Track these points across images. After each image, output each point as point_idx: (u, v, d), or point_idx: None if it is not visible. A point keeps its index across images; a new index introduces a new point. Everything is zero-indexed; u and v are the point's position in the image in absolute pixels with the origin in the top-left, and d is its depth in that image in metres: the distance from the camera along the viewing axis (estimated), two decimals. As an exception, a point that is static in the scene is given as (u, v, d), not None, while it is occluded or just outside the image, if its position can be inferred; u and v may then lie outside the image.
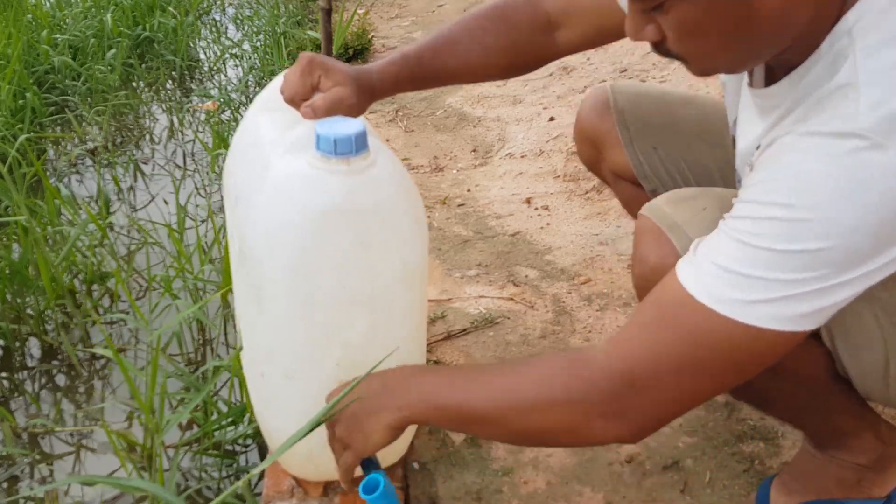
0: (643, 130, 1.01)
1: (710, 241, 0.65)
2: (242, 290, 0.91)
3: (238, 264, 0.90)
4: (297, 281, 0.79)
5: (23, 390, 1.50)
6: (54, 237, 1.84)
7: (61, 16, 3.30)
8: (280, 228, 0.78)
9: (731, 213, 0.65)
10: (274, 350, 0.88)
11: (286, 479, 1.03)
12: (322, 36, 1.52)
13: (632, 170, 1.03)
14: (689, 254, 0.66)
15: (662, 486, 1.01)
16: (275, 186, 0.79)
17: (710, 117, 1.02)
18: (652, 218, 0.78)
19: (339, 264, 0.78)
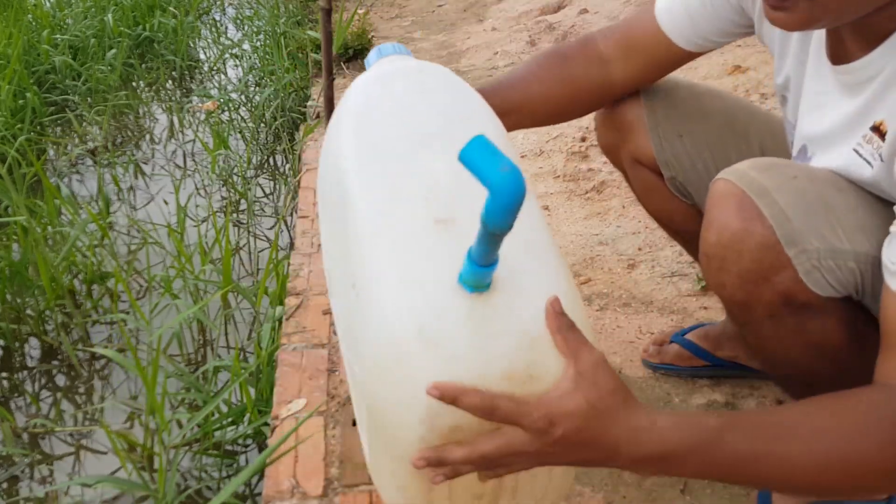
0: (671, 116, 1.00)
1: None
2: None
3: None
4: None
5: (23, 390, 1.50)
6: (54, 237, 1.85)
7: (62, 16, 3.30)
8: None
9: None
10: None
11: (286, 479, 1.03)
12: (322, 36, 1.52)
13: (653, 155, 1.01)
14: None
15: (662, 486, 1.01)
16: None
17: (737, 112, 1.01)
18: (736, 182, 0.72)
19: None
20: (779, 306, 0.72)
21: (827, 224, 0.70)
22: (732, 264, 0.72)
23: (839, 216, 0.71)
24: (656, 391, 1.17)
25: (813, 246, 0.69)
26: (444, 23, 3.45)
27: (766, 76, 2.09)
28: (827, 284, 0.71)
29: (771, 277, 0.71)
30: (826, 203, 0.71)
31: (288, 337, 1.30)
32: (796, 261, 0.70)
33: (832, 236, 0.70)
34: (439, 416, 0.60)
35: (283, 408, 1.15)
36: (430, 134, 0.72)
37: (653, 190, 1.06)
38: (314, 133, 2.19)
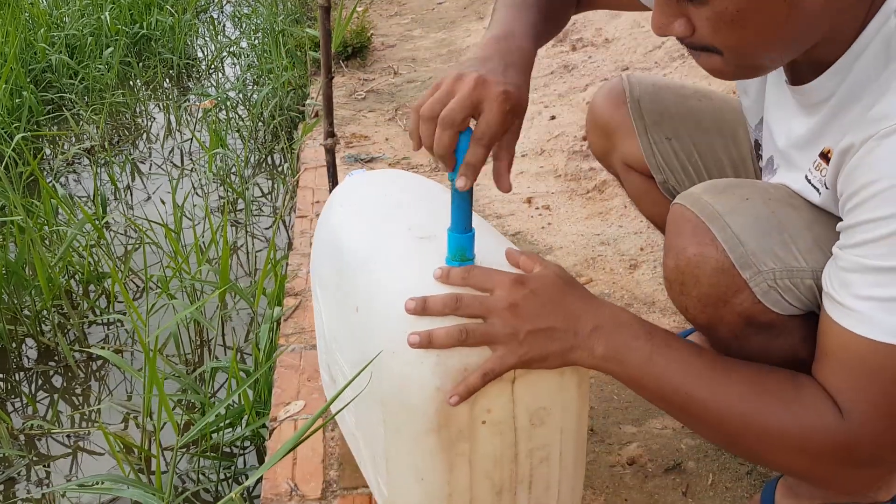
0: (659, 120, 1.00)
1: (847, 280, 0.63)
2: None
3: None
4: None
5: (19, 391, 1.49)
6: (51, 237, 1.83)
7: (59, 14, 3.29)
8: None
9: (850, 239, 0.63)
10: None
11: (284, 481, 1.02)
12: (321, 34, 1.51)
13: (644, 160, 1.01)
14: (834, 303, 0.64)
15: (664, 489, 1.00)
16: None
17: (725, 113, 1.01)
18: (690, 207, 0.73)
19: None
20: (741, 327, 0.73)
21: (781, 244, 0.70)
22: (691, 288, 0.73)
23: (793, 235, 0.71)
24: (658, 392, 1.16)
25: (768, 267, 0.70)
26: (444, 20, 3.44)
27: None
28: (786, 303, 0.71)
29: (730, 300, 0.71)
30: (779, 223, 0.71)
31: (286, 338, 1.29)
32: (752, 283, 0.70)
33: (787, 256, 0.70)
34: (448, 358, 0.69)
35: (281, 409, 1.14)
36: (403, 201, 0.88)
37: (646, 193, 1.06)
38: (313, 132, 2.18)
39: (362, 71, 2.79)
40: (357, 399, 0.79)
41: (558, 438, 0.77)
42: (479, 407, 0.71)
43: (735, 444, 0.71)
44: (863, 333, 0.62)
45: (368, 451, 0.85)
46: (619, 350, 0.70)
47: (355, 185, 0.95)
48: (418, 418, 0.71)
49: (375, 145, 2.16)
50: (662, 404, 0.73)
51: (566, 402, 0.76)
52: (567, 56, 2.63)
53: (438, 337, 0.68)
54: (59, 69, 2.87)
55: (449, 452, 0.72)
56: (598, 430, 1.10)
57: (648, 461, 1.04)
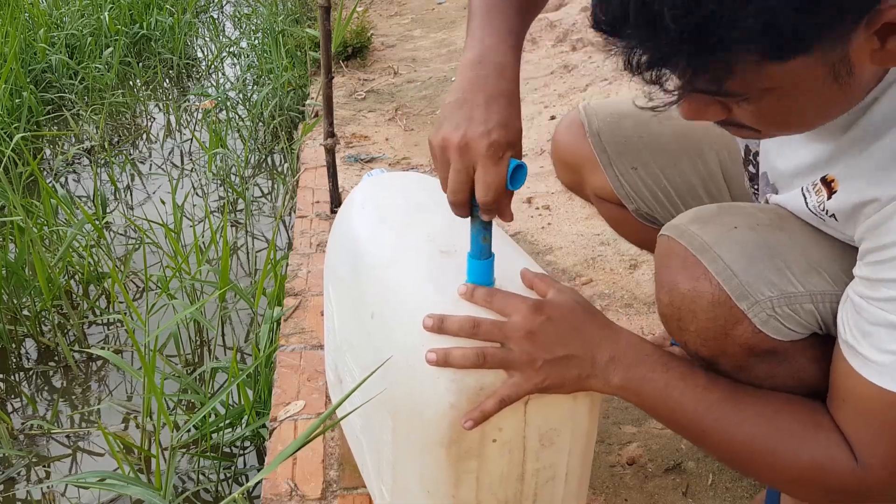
0: (621, 151, 0.98)
1: (869, 332, 0.63)
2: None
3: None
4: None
5: (19, 391, 1.49)
6: (50, 237, 1.83)
7: (58, 14, 3.28)
8: None
9: (875, 292, 0.62)
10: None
11: (284, 481, 1.02)
12: (321, 34, 1.51)
13: (613, 191, 1.00)
14: (853, 351, 0.64)
15: (664, 489, 1.00)
16: None
17: (687, 130, 0.98)
18: (678, 239, 0.72)
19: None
20: (745, 357, 0.71)
21: (775, 270, 0.69)
22: (689, 324, 0.72)
23: (787, 260, 0.69)
24: (658, 393, 1.16)
25: (765, 296, 0.68)
26: (444, 21, 3.44)
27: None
28: (787, 330, 0.70)
29: (730, 332, 0.70)
30: (771, 249, 0.70)
31: (286, 338, 1.29)
32: (750, 313, 0.68)
33: (782, 282, 0.68)
34: (465, 376, 0.69)
35: (281, 410, 1.14)
36: (424, 206, 0.87)
37: (623, 221, 1.05)
38: (313, 132, 2.18)
39: (362, 71, 2.79)
40: (366, 404, 0.79)
41: (566, 459, 0.77)
42: (491, 426, 0.71)
43: (748, 473, 0.72)
44: (884, 385, 0.62)
45: (373, 456, 0.85)
46: (634, 381, 0.71)
47: (375, 186, 0.94)
48: (430, 432, 0.71)
49: (375, 145, 2.16)
50: (677, 430, 0.74)
51: (577, 424, 0.76)
52: (567, 56, 2.63)
53: (456, 358, 0.69)
54: (58, 69, 2.87)
55: (457, 468, 0.72)
56: (599, 430, 1.09)
57: (648, 461, 1.04)
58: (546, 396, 0.72)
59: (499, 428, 0.71)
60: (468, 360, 0.68)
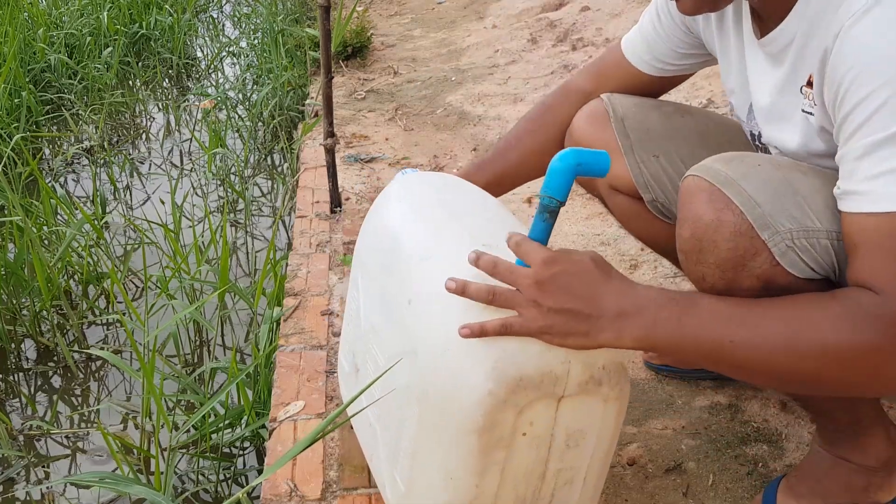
0: (645, 138, 1.00)
1: (853, 168, 0.65)
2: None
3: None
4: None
5: (18, 392, 1.49)
6: (50, 237, 1.83)
7: (57, 13, 3.28)
8: None
9: (848, 129, 0.65)
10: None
11: (284, 482, 1.02)
12: (321, 33, 1.51)
13: (631, 180, 1.00)
14: (846, 196, 0.66)
15: (665, 490, 1.00)
16: None
17: (707, 126, 1.02)
18: (703, 176, 0.75)
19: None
20: (759, 292, 0.73)
21: (796, 205, 0.72)
22: (709, 255, 0.74)
23: (806, 197, 0.72)
24: (659, 393, 1.16)
25: (785, 227, 0.71)
26: (444, 20, 3.43)
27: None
28: (803, 264, 0.72)
29: (748, 263, 0.72)
30: (792, 186, 0.73)
31: (286, 338, 1.29)
32: (770, 243, 0.71)
33: (802, 216, 0.72)
34: (507, 367, 0.69)
35: (280, 410, 1.14)
36: (461, 207, 0.87)
37: (634, 215, 1.05)
38: (313, 132, 2.18)
39: (362, 71, 2.79)
40: (385, 391, 0.79)
41: (586, 463, 0.78)
42: (524, 418, 0.71)
43: (795, 372, 0.67)
44: (881, 210, 0.63)
45: (388, 444, 0.85)
46: (647, 328, 0.69)
47: (410, 184, 0.94)
48: (464, 418, 0.71)
49: (375, 145, 2.16)
50: (709, 363, 0.72)
51: (603, 428, 0.76)
52: (567, 56, 2.62)
53: (471, 289, 0.70)
54: (58, 69, 2.86)
55: (485, 457, 0.73)
56: (599, 430, 1.09)
57: (649, 462, 1.04)
58: (578, 396, 0.72)
59: (530, 422, 0.72)
60: (480, 294, 0.70)
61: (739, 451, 1.05)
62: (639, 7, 2.75)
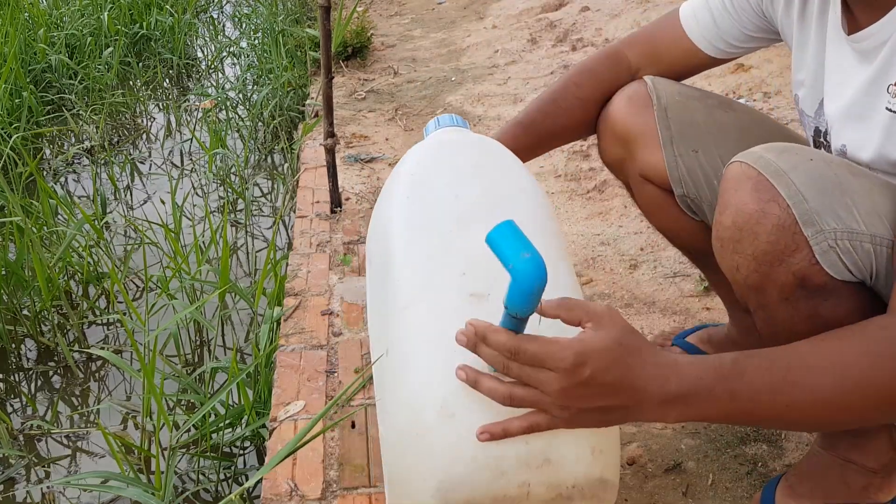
0: (686, 131, 0.96)
1: None
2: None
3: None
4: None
5: (19, 392, 1.49)
6: (50, 237, 1.83)
7: (58, 14, 3.28)
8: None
9: None
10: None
11: (284, 481, 1.02)
12: (321, 34, 1.51)
13: (664, 171, 0.97)
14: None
15: (664, 489, 1.00)
16: None
17: (749, 124, 0.99)
18: (752, 164, 0.72)
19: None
20: (793, 288, 0.72)
21: (843, 205, 0.70)
22: (748, 245, 0.72)
23: (855, 198, 0.71)
24: (658, 393, 1.16)
25: (830, 226, 0.69)
26: (444, 21, 3.44)
27: (768, 74, 2.08)
28: (843, 266, 0.71)
29: (786, 258, 0.71)
30: (841, 185, 0.71)
31: (286, 338, 1.29)
32: (813, 241, 0.70)
33: (848, 217, 0.70)
34: (453, 490, 0.63)
35: (280, 409, 1.14)
36: (476, 212, 0.77)
37: (661, 207, 1.02)
38: (313, 132, 2.18)
39: (362, 71, 2.79)
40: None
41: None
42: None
43: (848, 421, 0.66)
44: None
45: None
46: (697, 411, 0.64)
47: (435, 154, 0.85)
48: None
49: (375, 145, 2.16)
50: (769, 424, 0.70)
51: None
52: (567, 56, 2.63)
53: (483, 384, 0.63)
54: (58, 69, 2.87)
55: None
56: (599, 430, 1.09)
57: (648, 461, 1.04)
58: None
59: (473, 501, 0.64)
60: (496, 394, 0.63)
61: (739, 450, 1.05)
62: (638, 7, 2.75)
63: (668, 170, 0.97)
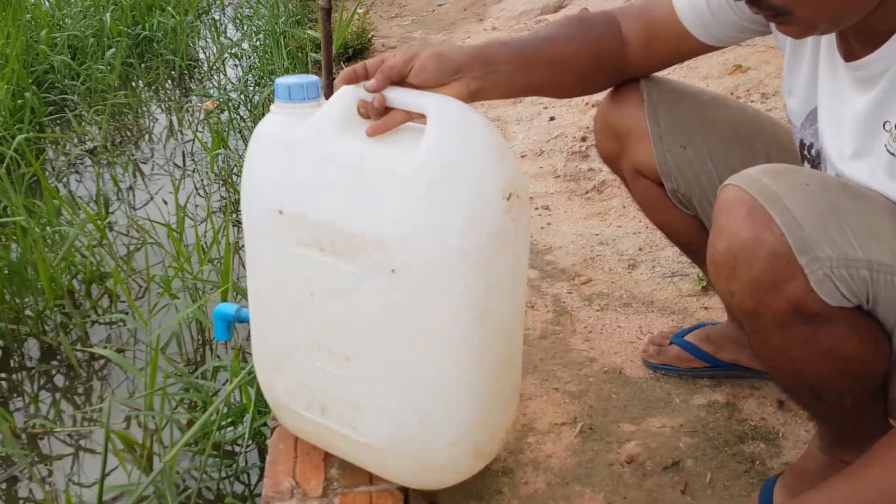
0: (675, 127, 0.97)
1: None
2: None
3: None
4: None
5: (22, 391, 1.50)
6: (53, 237, 1.84)
7: (60, 15, 3.30)
8: None
9: None
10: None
11: (286, 479, 1.03)
12: (322, 35, 1.52)
13: (655, 166, 0.99)
14: None
15: (663, 487, 1.01)
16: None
17: (742, 121, 0.99)
18: (746, 188, 0.71)
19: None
20: (789, 316, 0.71)
21: (839, 231, 0.69)
22: (742, 273, 0.71)
23: (851, 223, 0.69)
24: (657, 391, 1.17)
25: (826, 254, 0.68)
26: (444, 22, 3.45)
27: (766, 76, 2.09)
28: (838, 294, 0.70)
29: (781, 286, 0.69)
30: (838, 210, 0.70)
31: (287, 337, 1.30)
32: (808, 269, 0.68)
33: (845, 244, 0.69)
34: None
35: (282, 408, 1.14)
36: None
37: (655, 201, 1.04)
38: (314, 133, 2.19)
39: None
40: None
41: None
42: None
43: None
44: None
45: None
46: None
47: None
48: None
49: (376, 146, 2.17)
50: None
51: None
52: (567, 57, 2.63)
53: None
54: (61, 70, 2.88)
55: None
56: (597, 427, 1.10)
57: (647, 459, 1.05)
58: None
59: None
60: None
61: (737, 448, 1.06)
62: (639, 9, 2.76)
63: (658, 164, 0.98)
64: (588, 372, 1.21)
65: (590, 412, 1.13)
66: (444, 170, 0.77)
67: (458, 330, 0.81)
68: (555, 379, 1.20)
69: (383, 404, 0.88)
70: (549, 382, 1.19)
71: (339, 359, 0.88)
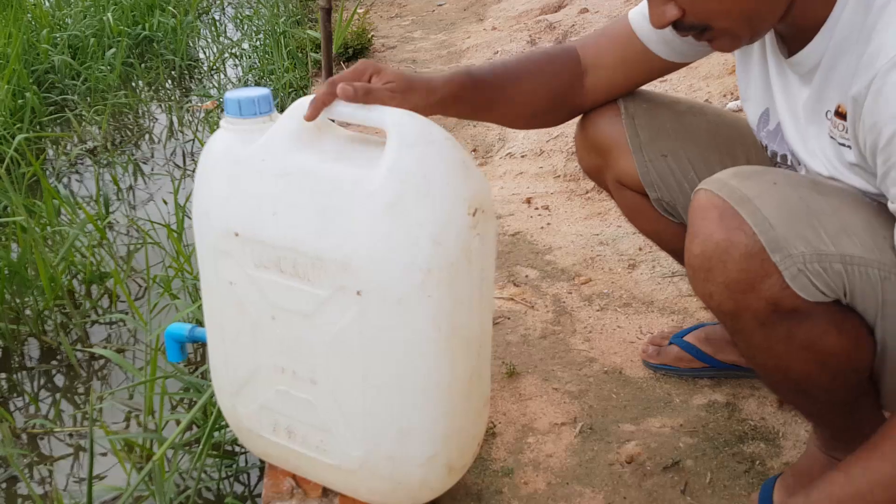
0: (654, 137, 0.99)
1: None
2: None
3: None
4: None
5: (22, 391, 1.50)
6: (53, 237, 1.84)
7: (61, 15, 3.30)
8: None
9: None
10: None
11: (285, 479, 1.03)
12: (322, 35, 1.52)
13: (638, 177, 1.00)
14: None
15: (663, 487, 1.01)
16: None
17: (720, 127, 1.01)
18: (717, 192, 0.73)
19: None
20: (767, 314, 0.72)
21: (810, 228, 0.70)
22: (718, 275, 0.72)
23: (822, 219, 0.71)
24: (657, 391, 1.17)
25: (798, 250, 0.70)
26: (444, 22, 3.45)
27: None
28: (814, 289, 0.71)
29: (757, 285, 0.71)
30: (808, 207, 0.72)
31: (287, 337, 1.30)
32: (782, 266, 0.70)
33: (816, 240, 0.70)
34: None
35: (282, 408, 1.14)
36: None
37: (640, 211, 1.05)
38: (314, 133, 2.19)
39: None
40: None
41: None
42: None
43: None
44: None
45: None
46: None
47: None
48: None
49: (376, 146, 2.17)
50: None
51: None
52: (567, 57, 2.63)
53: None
54: (61, 70, 2.88)
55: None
56: (597, 427, 1.10)
57: (647, 459, 1.05)
58: None
59: None
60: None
61: (737, 448, 1.06)
62: (639, 9, 2.76)
63: (640, 175, 1.00)
64: (588, 372, 1.22)
65: (590, 412, 1.13)
66: (407, 187, 0.75)
67: (426, 347, 0.79)
68: (555, 379, 1.20)
69: (353, 426, 0.85)
70: (549, 382, 1.19)
71: (304, 382, 0.85)
